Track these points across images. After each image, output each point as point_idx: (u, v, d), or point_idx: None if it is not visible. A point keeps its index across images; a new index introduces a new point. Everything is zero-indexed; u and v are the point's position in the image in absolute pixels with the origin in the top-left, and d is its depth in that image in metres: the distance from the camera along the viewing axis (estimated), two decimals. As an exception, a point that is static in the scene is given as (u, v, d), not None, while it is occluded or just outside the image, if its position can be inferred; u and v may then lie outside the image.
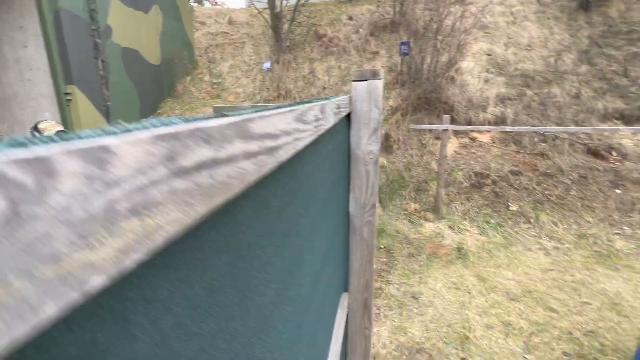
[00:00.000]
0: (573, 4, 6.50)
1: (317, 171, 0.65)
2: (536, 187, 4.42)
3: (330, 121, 0.58)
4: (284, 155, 0.32)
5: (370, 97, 1.00)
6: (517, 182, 4.52)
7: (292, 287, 0.50)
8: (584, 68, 5.44)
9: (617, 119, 4.72)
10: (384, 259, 3.59)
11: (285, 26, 7.80)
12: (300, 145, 0.38)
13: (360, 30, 7.67)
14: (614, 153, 4.50)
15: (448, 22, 5.94)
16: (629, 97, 4.86)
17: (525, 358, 2.20)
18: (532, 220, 4.09)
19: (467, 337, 2.39)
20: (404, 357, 2.24)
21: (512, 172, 4.63)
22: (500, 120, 5.12)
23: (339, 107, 0.73)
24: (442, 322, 2.55)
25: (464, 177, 4.73)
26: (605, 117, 4.78)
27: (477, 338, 2.39)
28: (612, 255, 3.48)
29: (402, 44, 5.97)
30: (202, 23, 8.95)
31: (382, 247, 3.84)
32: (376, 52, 7.17)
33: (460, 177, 4.74)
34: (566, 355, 2.20)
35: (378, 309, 2.75)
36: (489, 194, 4.49)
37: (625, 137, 4.62)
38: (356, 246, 1.16)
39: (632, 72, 5.09)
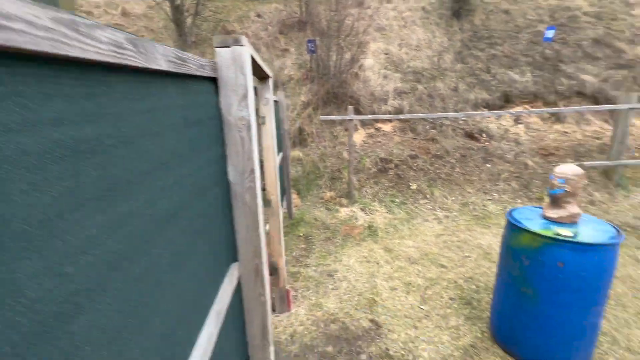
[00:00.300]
0: (448, 13, 7.65)
1: (168, 138, 0.64)
2: (430, 167, 5.09)
3: (153, 64, 0.58)
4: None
5: (235, 64, 1.03)
6: (415, 164, 5.14)
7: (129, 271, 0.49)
8: (459, 66, 6.46)
9: (484, 107, 5.75)
10: (303, 246, 3.70)
11: (189, 20, 7.36)
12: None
13: (269, 27, 7.71)
14: (484, 135, 5.47)
15: (349, 22, 6.40)
16: (491, 89, 5.96)
17: (421, 308, 2.53)
18: (428, 196, 4.70)
19: (375, 301, 2.64)
20: (320, 329, 2.35)
21: (411, 156, 5.24)
22: (398, 111, 5.73)
23: (182, 60, 0.73)
24: (354, 293, 2.76)
25: (371, 163, 5.17)
26: (476, 105, 5.77)
27: (383, 300, 2.65)
28: (486, 216, 4.23)
29: (309, 41, 6.21)
30: (89, 13, 7.83)
31: (301, 235, 3.94)
32: (286, 50, 7.30)
33: (368, 164, 5.17)
34: (451, 300, 2.60)
35: (296, 291, 2.83)
36: (393, 177, 5.00)
37: (490, 122, 5.66)
38: (240, 214, 1.18)
39: (492, 70, 6.26)
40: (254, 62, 1.78)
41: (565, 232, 1.74)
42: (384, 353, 2.11)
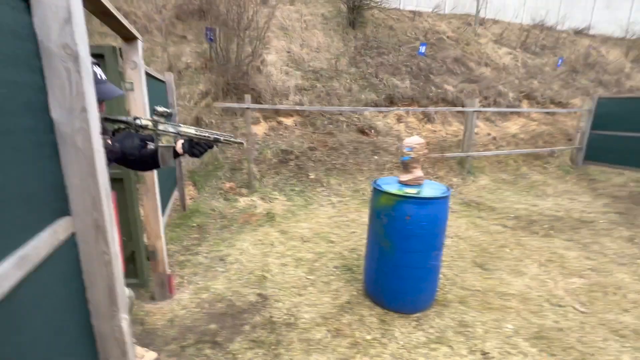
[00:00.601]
0: (345, 22, 8.37)
1: None
2: (327, 158, 5.45)
3: None
4: None
5: (56, -16, 0.93)
6: (314, 156, 5.43)
7: None
8: (353, 70, 7.12)
9: (372, 106, 6.47)
10: (196, 236, 3.50)
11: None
12: None
13: (164, 10, 7.09)
14: (372, 131, 6.15)
15: (250, 16, 6.38)
16: (379, 91, 6.75)
17: (308, 278, 2.69)
18: (324, 184, 5.02)
19: (264, 277, 2.68)
20: (204, 310, 2.27)
21: (310, 148, 5.52)
22: (298, 106, 5.97)
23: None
24: (244, 273, 2.75)
25: (272, 154, 5.25)
26: (366, 105, 6.45)
27: (273, 275, 2.71)
28: (373, 200, 4.76)
29: (207, 29, 5.95)
30: None
31: (194, 225, 3.73)
32: (184, 37, 6.83)
33: (269, 155, 5.23)
34: (335, 268, 2.84)
35: (182, 278, 2.66)
36: (293, 167, 5.18)
37: (378, 119, 6.41)
38: (71, 159, 1.05)
39: (380, 75, 7.10)
40: (105, 10, 1.63)
41: (411, 191, 2.10)
42: (267, 321, 2.16)
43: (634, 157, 5.76)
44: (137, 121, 1.36)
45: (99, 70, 1.29)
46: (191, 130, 1.42)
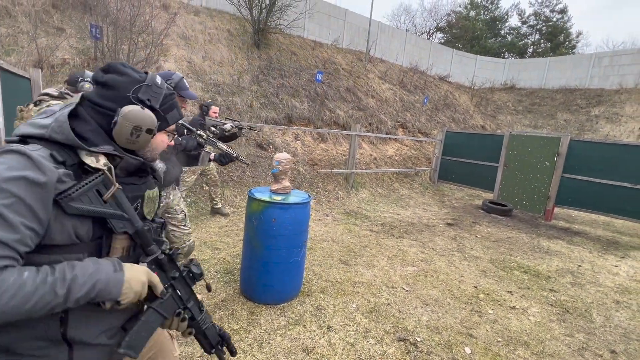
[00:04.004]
0: (250, 41, 8.75)
1: None
2: (223, 170, 5.57)
3: None
4: None
5: None
6: (210, 167, 5.48)
7: None
8: (255, 87, 7.49)
9: (273, 124, 6.91)
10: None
11: None
12: None
13: (35, -5, 6.19)
14: (271, 146, 6.56)
15: (148, 20, 6.14)
16: (278, 110, 7.27)
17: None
18: (218, 195, 5.12)
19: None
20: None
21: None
22: (196, 118, 5.96)
23: None
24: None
25: (164, 164, 5.09)
26: (266, 122, 6.86)
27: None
28: (265, 210, 5.08)
29: (92, 26, 5.49)
30: None
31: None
32: (61, 29, 6.08)
33: (160, 165, 5.06)
34: (216, 272, 3.02)
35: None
36: (186, 178, 5.12)
37: (276, 136, 6.87)
38: None
39: (280, 96, 7.65)
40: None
41: (277, 198, 2.50)
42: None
43: (468, 177, 7.64)
44: (198, 132, 2.15)
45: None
46: (224, 147, 2.28)
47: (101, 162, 0.72)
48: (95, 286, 0.66)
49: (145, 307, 0.79)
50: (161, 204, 3.73)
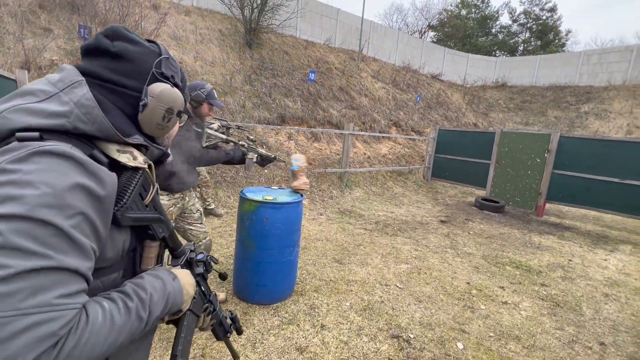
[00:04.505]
0: (242, 41, 8.70)
1: None
2: (216, 171, 5.54)
3: None
4: None
5: None
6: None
7: None
8: (247, 87, 7.46)
9: (266, 124, 6.89)
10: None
11: None
12: None
13: (21, -5, 6.08)
14: (264, 146, 6.54)
15: (137, 20, 6.08)
16: (271, 110, 7.25)
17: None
18: (212, 196, 5.09)
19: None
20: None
21: (199, 161, 5.51)
22: (188, 118, 5.92)
23: None
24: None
25: (156, 165, 5.05)
26: (259, 121, 6.84)
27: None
28: (259, 211, 5.06)
29: (81, 26, 5.43)
30: None
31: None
32: (48, 29, 5.99)
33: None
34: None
35: None
36: (179, 179, 5.08)
37: (269, 136, 6.85)
38: None
39: (273, 95, 7.63)
40: None
41: (269, 197, 2.50)
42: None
43: (461, 174, 7.70)
44: (241, 142, 2.38)
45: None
46: (263, 151, 2.46)
47: (140, 159, 0.60)
48: (168, 301, 0.61)
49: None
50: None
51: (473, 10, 23.95)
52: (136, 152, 0.61)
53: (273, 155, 2.51)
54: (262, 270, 2.48)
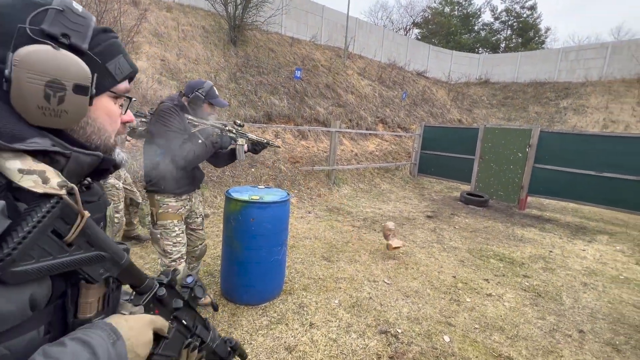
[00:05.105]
0: (226, 38, 8.57)
1: None
2: (203, 171, 5.45)
3: None
4: None
5: None
6: (188, 168, 5.35)
7: None
8: (232, 85, 7.35)
9: (252, 122, 6.82)
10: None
11: None
12: None
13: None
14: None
15: (116, 16, 5.89)
16: (257, 108, 7.18)
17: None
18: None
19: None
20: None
21: (184, 160, 5.41)
22: (172, 117, 5.79)
23: None
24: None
25: (139, 166, 4.93)
26: (245, 120, 6.76)
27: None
28: (247, 210, 5.02)
29: (56, 23, 5.21)
30: None
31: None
32: (21, 26, 5.73)
33: (136, 167, 4.89)
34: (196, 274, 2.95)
35: None
36: (163, 180, 4.98)
37: (256, 134, 6.78)
38: None
39: (259, 93, 7.55)
40: None
41: (255, 197, 2.47)
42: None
43: (447, 170, 7.83)
44: (227, 127, 2.12)
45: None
46: (253, 136, 2.24)
47: (53, 182, 0.42)
48: None
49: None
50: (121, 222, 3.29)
51: (456, 7, 24.30)
52: (50, 171, 0.43)
53: (265, 140, 2.30)
54: (249, 270, 2.46)
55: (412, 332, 2.35)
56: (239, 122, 2.20)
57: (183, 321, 0.66)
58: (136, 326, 0.51)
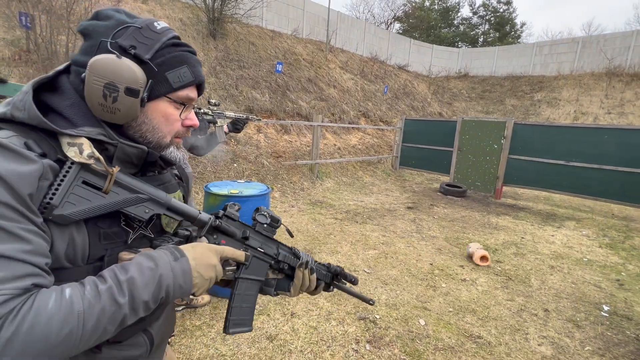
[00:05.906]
0: (205, 31, 8.38)
1: None
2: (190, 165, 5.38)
3: None
4: None
5: None
6: (168, 164, 5.27)
7: None
8: (212, 80, 7.24)
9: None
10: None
11: None
12: None
13: (-52, -22, 5.45)
14: (232, 140, 6.42)
15: (88, 7, 5.67)
16: (238, 103, 7.11)
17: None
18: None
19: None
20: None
21: (163, 157, 5.32)
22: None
23: None
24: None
25: (116, 163, 4.82)
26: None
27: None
28: (229, 205, 5.01)
29: (21, 14, 4.97)
30: None
31: None
32: (-17, 17, 5.43)
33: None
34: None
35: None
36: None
37: (238, 129, 6.74)
38: None
39: (240, 87, 7.47)
40: None
41: (234, 191, 2.49)
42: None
43: (427, 162, 8.03)
44: (202, 110, 1.94)
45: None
46: (232, 114, 2.10)
47: (86, 153, 0.53)
48: (161, 284, 0.53)
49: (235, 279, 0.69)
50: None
51: (436, 1, 24.61)
52: (86, 145, 0.53)
53: (245, 115, 2.18)
54: (230, 263, 2.49)
55: (390, 317, 2.45)
56: (213, 101, 2.07)
57: (259, 249, 0.73)
58: (200, 250, 0.60)
